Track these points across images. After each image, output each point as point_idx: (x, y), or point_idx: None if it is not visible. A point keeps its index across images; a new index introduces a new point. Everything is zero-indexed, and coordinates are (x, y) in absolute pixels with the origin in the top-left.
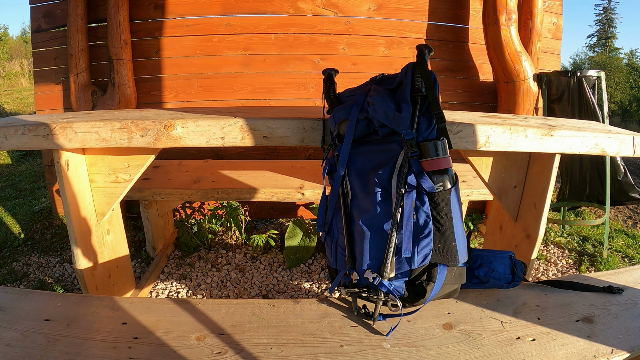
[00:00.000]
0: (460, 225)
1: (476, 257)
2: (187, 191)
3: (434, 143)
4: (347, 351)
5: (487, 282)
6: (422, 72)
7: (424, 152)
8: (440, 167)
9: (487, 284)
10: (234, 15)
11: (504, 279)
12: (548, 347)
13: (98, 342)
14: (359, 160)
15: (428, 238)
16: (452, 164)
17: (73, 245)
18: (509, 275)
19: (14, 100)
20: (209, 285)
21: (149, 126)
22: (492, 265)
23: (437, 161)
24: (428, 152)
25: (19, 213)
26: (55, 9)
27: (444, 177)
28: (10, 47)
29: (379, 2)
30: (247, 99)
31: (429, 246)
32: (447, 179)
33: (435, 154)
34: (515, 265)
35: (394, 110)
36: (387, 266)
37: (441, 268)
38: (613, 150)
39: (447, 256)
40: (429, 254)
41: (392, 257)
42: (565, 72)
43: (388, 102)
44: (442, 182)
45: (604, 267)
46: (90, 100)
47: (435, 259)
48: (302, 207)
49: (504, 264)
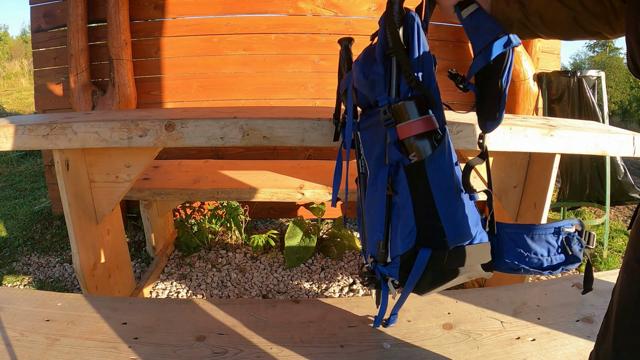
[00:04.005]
0: (451, 200)
1: (504, 238)
2: (187, 191)
3: (403, 104)
4: (347, 351)
5: (519, 269)
6: (389, 23)
7: (396, 116)
8: (412, 132)
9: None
10: (234, 15)
11: (546, 262)
12: (548, 347)
13: (98, 342)
14: (366, 136)
15: (408, 218)
16: (434, 126)
17: (73, 246)
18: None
19: (14, 100)
20: (209, 285)
21: (149, 126)
22: (527, 246)
23: (407, 126)
24: (398, 117)
25: (19, 213)
26: (55, 9)
27: (417, 144)
28: (10, 47)
29: (379, 2)
30: (247, 99)
31: (409, 227)
32: (422, 145)
33: (407, 118)
34: (568, 241)
35: (362, 76)
36: (382, 250)
37: (422, 252)
38: (613, 150)
39: (430, 238)
40: (412, 236)
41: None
42: (565, 72)
43: (361, 65)
44: (416, 150)
45: (604, 267)
46: (90, 100)
47: (419, 242)
48: (302, 207)
49: (548, 242)
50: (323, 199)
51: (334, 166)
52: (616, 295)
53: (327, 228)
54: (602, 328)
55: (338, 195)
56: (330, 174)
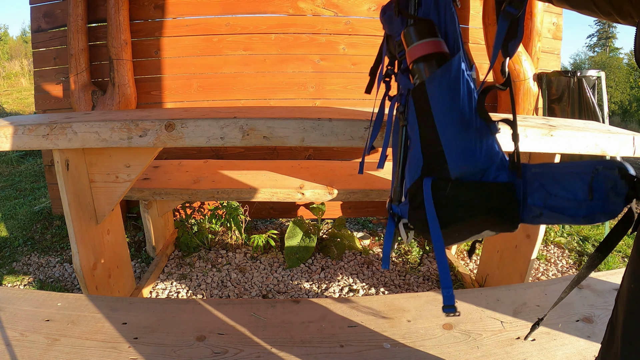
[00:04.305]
0: (455, 125)
1: (530, 179)
2: (187, 191)
3: (406, 30)
4: (347, 351)
5: (540, 216)
6: None
7: (404, 45)
8: (414, 56)
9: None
10: (234, 15)
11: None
12: (548, 347)
13: (98, 342)
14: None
15: (415, 148)
16: (437, 49)
17: (73, 245)
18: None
19: (14, 100)
20: (209, 285)
21: (149, 126)
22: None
23: (411, 50)
24: (405, 44)
25: (19, 213)
26: (55, 9)
27: (420, 66)
28: (10, 47)
29: (379, 2)
30: (247, 99)
31: (416, 157)
32: (425, 67)
33: (410, 42)
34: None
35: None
36: (397, 189)
37: (425, 181)
38: (613, 150)
39: (433, 164)
40: (418, 166)
41: (396, 179)
42: (565, 72)
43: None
44: (417, 73)
45: (604, 267)
46: (90, 100)
47: (424, 172)
48: (302, 207)
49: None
50: (323, 199)
51: (334, 166)
52: (622, 305)
53: (327, 228)
54: (606, 336)
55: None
56: (330, 174)
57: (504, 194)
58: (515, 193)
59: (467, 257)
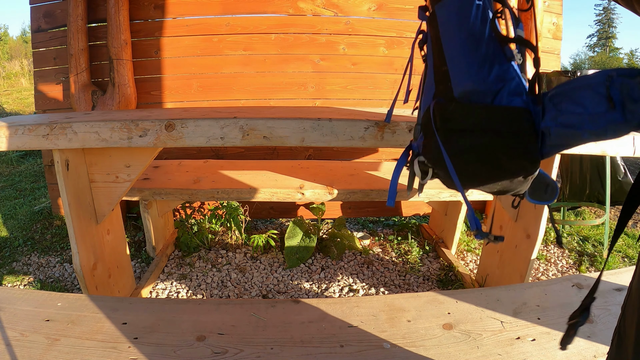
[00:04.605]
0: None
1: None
2: (187, 191)
3: None
4: (347, 351)
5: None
6: None
7: None
8: None
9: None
10: (234, 15)
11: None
12: (548, 347)
13: (98, 342)
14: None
15: (430, 76)
16: None
17: (73, 246)
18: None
19: (14, 100)
20: (209, 285)
21: (149, 126)
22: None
23: None
24: None
25: (19, 213)
26: (55, 9)
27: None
28: (10, 47)
29: (379, 2)
30: (247, 99)
31: (430, 84)
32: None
33: None
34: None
35: None
36: (417, 127)
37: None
38: (613, 150)
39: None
40: (431, 94)
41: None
42: (565, 72)
43: None
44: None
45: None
46: (90, 100)
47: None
48: (302, 207)
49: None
50: (323, 199)
51: (334, 166)
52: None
53: (327, 228)
54: (613, 347)
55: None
56: (330, 174)
57: (517, 119)
58: (533, 120)
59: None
